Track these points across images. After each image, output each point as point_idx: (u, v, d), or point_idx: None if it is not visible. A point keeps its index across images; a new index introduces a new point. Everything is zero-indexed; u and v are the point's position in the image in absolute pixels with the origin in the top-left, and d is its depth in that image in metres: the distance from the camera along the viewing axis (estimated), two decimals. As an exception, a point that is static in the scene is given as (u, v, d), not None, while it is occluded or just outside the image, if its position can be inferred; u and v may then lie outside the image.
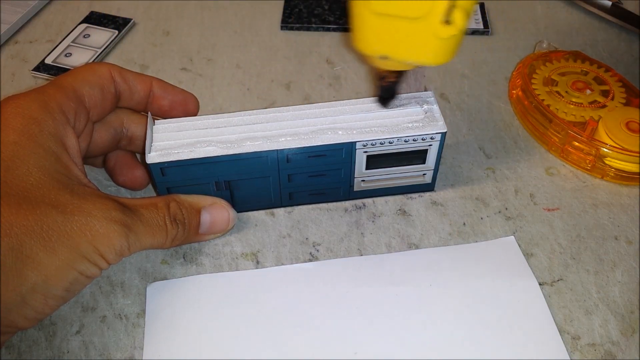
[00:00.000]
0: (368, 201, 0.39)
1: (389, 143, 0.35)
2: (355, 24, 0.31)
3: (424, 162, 0.37)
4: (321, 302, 0.34)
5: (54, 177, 0.30)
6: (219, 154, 0.34)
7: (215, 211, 0.36)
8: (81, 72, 0.34)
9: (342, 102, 0.36)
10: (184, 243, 0.36)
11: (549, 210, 0.39)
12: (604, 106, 0.42)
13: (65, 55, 0.50)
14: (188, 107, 0.38)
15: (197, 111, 0.39)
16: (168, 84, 0.38)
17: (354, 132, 0.35)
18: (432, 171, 0.38)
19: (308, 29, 0.53)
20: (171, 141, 0.34)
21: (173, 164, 0.34)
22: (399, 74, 0.34)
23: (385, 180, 0.38)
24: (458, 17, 0.28)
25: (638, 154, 0.39)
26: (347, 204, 0.39)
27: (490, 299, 0.34)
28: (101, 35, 0.52)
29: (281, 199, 0.38)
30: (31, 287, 0.28)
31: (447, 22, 0.28)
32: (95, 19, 0.54)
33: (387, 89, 0.35)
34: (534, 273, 0.35)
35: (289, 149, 0.34)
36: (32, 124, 0.30)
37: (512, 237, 0.37)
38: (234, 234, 0.38)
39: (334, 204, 0.39)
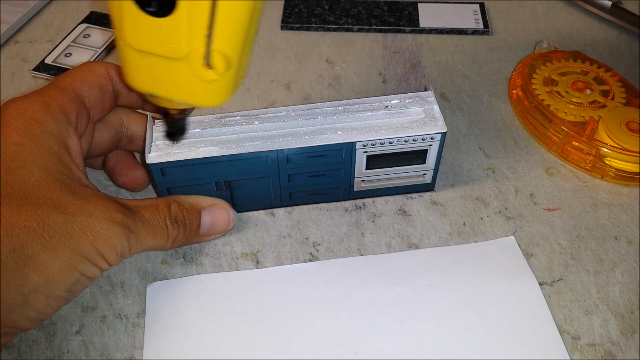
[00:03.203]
0: (368, 201, 0.39)
1: (389, 143, 0.35)
2: (121, 59, 0.30)
3: (424, 162, 0.37)
4: (321, 302, 0.34)
5: (55, 178, 0.30)
6: (219, 154, 0.34)
7: (215, 212, 0.36)
8: (79, 72, 0.34)
9: (342, 102, 0.36)
10: (185, 244, 0.36)
11: (549, 210, 0.39)
12: (604, 106, 0.42)
13: (65, 55, 0.50)
14: None
15: None
16: None
17: (354, 132, 0.35)
18: (432, 171, 0.38)
19: (308, 29, 0.53)
20: (171, 141, 0.35)
21: (173, 164, 0.34)
22: (183, 111, 0.33)
23: (385, 180, 0.38)
24: (218, 62, 0.27)
25: (638, 154, 0.39)
26: (347, 204, 0.39)
27: (490, 299, 0.34)
28: (101, 35, 0.52)
29: (281, 199, 0.38)
30: (33, 288, 0.28)
31: (209, 65, 0.27)
32: (95, 19, 0.54)
33: (173, 124, 0.33)
34: (534, 273, 0.35)
35: (289, 149, 0.34)
36: (34, 125, 0.30)
37: (512, 237, 0.37)
38: (234, 234, 0.38)
39: (334, 204, 0.39)
